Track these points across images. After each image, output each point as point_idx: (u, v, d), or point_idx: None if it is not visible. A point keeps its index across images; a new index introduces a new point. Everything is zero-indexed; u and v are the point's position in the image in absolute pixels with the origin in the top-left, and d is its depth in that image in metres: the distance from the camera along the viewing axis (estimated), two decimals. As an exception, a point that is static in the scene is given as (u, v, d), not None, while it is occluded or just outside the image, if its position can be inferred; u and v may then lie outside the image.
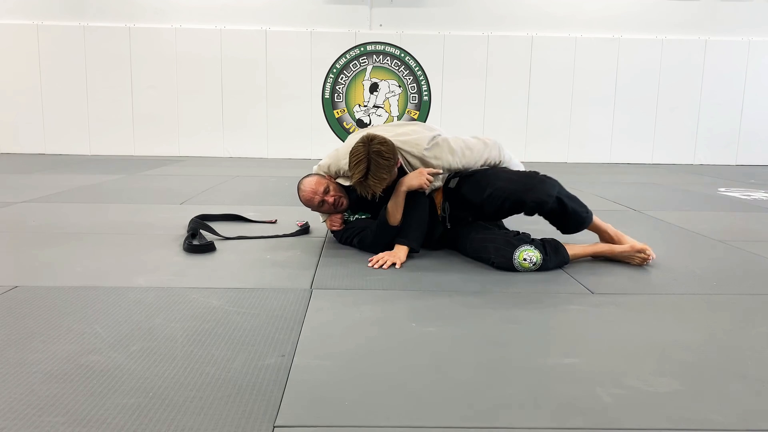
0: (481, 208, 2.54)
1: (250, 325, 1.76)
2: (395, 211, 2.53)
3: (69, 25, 7.59)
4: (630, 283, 2.29)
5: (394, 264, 2.46)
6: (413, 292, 2.14)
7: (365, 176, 2.38)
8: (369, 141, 2.39)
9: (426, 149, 2.55)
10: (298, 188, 2.73)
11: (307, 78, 7.81)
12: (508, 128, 7.88)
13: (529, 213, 2.50)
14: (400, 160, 2.54)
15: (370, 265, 2.46)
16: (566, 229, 2.62)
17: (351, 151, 2.43)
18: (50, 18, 7.60)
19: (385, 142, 2.40)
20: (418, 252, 2.58)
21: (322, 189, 2.63)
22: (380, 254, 2.52)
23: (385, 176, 2.39)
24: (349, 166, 2.45)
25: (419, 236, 2.57)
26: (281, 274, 2.33)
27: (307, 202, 2.70)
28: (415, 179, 2.49)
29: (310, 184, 2.68)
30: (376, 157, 2.36)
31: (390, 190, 2.54)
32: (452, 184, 2.69)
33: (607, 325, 1.84)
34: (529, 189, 2.42)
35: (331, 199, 2.64)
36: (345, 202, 2.69)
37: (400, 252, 2.52)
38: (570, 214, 2.52)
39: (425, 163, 2.56)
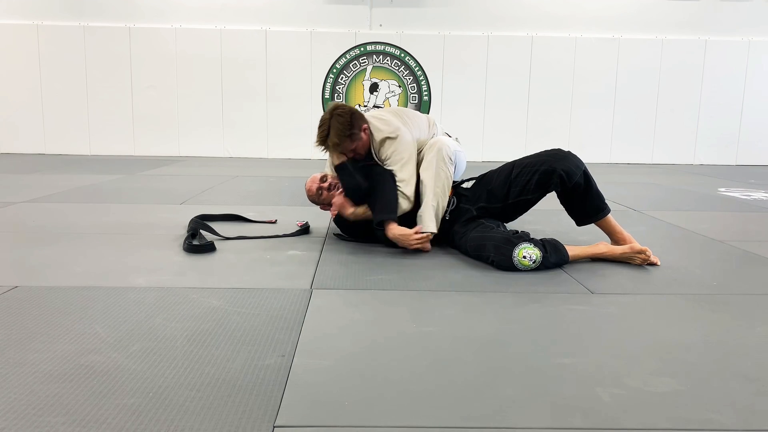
0: (507, 193, 2.60)
1: (250, 325, 1.76)
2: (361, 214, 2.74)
3: (69, 25, 7.59)
4: (630, 283, 2.29)
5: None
6: (413, 292, 2.14)
7: (326, 136, 2.69)
8: (333, 108, 2.72)
9: (386, 138, 2.74)
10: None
11: (307, 78, 7.81)
12: (508, 128, 7.89)
13: (556, 187, 2.53)
14: (369, 134, 2.77)
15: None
16: (583, 214, 2.64)
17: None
18: (50, 18, 7.60)
19: (343, 107, 2.72)
20: (395, 221, 2.65)
21: (319, 177, 2.87)
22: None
23: (341, 138, 2.65)
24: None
25: (388, 206, 2.65)
26: (281, 274, 2.33)
27: (309, 192, 2.91)
28: (400, 239, 2.63)
29: (310, 178, 2.96)
30: (336, 117, 2.66)
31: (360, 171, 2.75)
32: (466, 184, 2.80)
33: (607, 325, 1.84)
34: (559, 159, 2.51)
35: (326, 184, 2.84)
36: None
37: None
38: (593, 194, 2.59)
39: (379, 149, 2.79)
